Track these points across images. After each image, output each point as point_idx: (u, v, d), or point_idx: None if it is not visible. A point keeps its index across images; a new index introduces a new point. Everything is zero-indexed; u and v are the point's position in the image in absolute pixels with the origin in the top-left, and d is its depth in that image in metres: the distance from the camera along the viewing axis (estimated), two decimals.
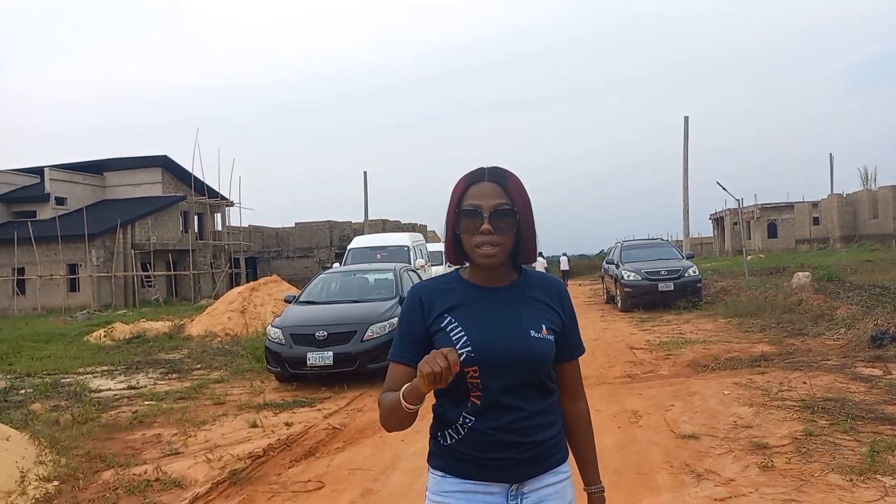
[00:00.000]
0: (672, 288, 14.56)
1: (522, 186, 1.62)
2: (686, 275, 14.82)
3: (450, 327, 1.56)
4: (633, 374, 7.88)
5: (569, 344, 1.68)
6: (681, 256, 16.55)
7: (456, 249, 1.63)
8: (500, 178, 1.59)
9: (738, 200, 24.06)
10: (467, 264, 1.66)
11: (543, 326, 1.59)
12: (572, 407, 1.74)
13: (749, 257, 24.80)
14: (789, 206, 46.95)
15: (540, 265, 29.43)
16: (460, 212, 1.57)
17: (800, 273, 15.01)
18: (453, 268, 1.73)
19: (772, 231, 48.87)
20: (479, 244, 1.54)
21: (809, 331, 9.71)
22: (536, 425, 1.58)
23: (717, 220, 55.62)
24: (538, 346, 1.56)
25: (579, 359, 1.75)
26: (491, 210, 1.54)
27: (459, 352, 1.49)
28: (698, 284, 14.95)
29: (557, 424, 1.65)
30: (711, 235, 59.26)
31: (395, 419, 1.51)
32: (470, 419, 1.55)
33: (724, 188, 22.17)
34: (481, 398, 1.54)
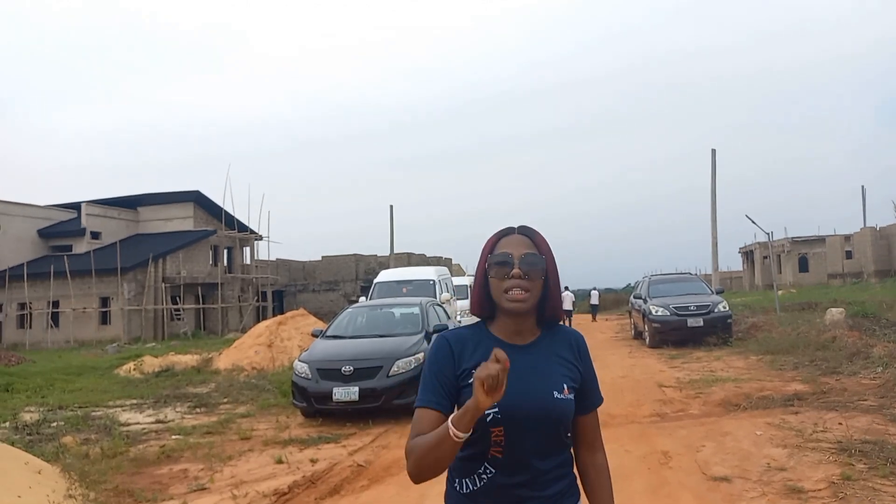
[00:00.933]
0: (702, 324, 14.31)
1: (548, 244, 1.70)
2: (716, 310, 14.57)
3: None
4: (663, 413, 7.73)
5: (588, 397, 1.72)
6: (710, 291, 16.29)
7: (484, 301, 1.66)
8: (528, 233, 1.70)
9: (767, 234, 23.70)
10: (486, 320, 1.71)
11: (565, 386, 1.63)
12: (591, 458, 1.76)
13: (780, 292, 24.32)
14: (820, 240, 46.09)
15: (568, 300, 29.18)
16: (492, 257, 1.63)
17: (833, 309, 14.67)
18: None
19: (803, 265, 47.95)
20: (508, 288, 1.59)
21: (844, 369, 9.44)
22: (552, 479, 1.62)
23: (747, 254, 54.79)
24: (561, 406, 1.61)
25: (600, 402, 1.79)
26: (521, 257, 1.61)
27: (486, 413, 1.50)
28: (728, 320, 14.68)
29: (571, 474, 1.69)
30: (741, 269, 58.35)
31: (436, 457, 1.47)
32: (490, 471, 1.59)
33: (753, 221, 21.93)
34: (503, 453, 1.58)
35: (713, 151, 27.18)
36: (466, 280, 24.88)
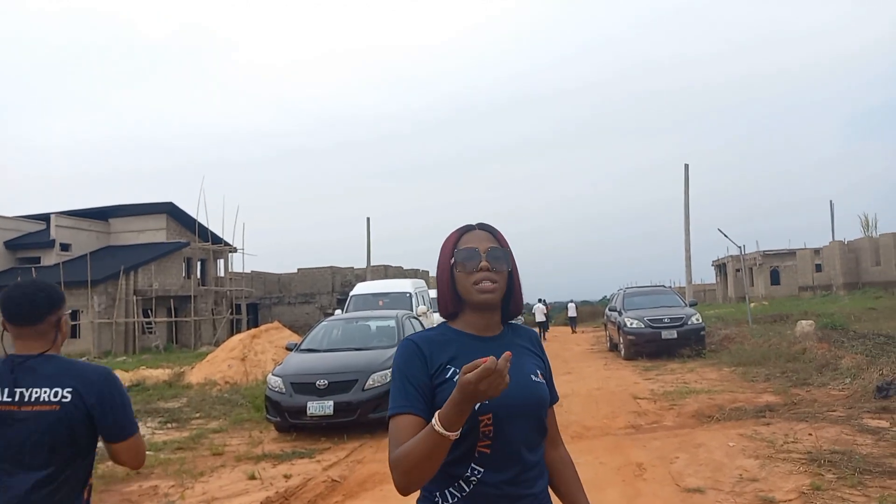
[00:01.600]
0: (675, 336, 14.47)
1: (506, 239, 1.72)
2: (689, 322, 14.75)
3: (456, 377, 1.46)
4: (638, 424, 7.78)
5: (551, 390, 1.72)
6: (684, 304, 16.50)
7: (451, 298, 1.65)
8: (489, 229, 1.70)
9: (740, 247, 24.13)
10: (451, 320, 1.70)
11: (538, 371, 1.65)
12: (556, 453, 1.76)
13: (752, 304, 24.71)
14: (791, 253, 46.99)
15: (539, 312, 29.28)
16: (458, 252, 1.63)
17: (803, 321, 14.93)
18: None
19: (774, 278, 48.80)
20: (478, 280, 1.59)
21: (814, 380, 9.61)
22: (536, 476, 1.59)
23: (720, 267, 55.62)
24: (541, 390, 1.62)
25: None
26: (487, 251, 1.62)
27: None
28: (702, 332, 14.86)
29: (546, 473, 1.67)
30: (714, 282, 59.19)
31: (429, 463, 1.38)
32: (479, 471, 1.51)
33: (725, 235, 22.31)
34: (491, 447, 1.52)
35: (686, 166, 27.64)
36: None
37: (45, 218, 33.12)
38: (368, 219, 35.64)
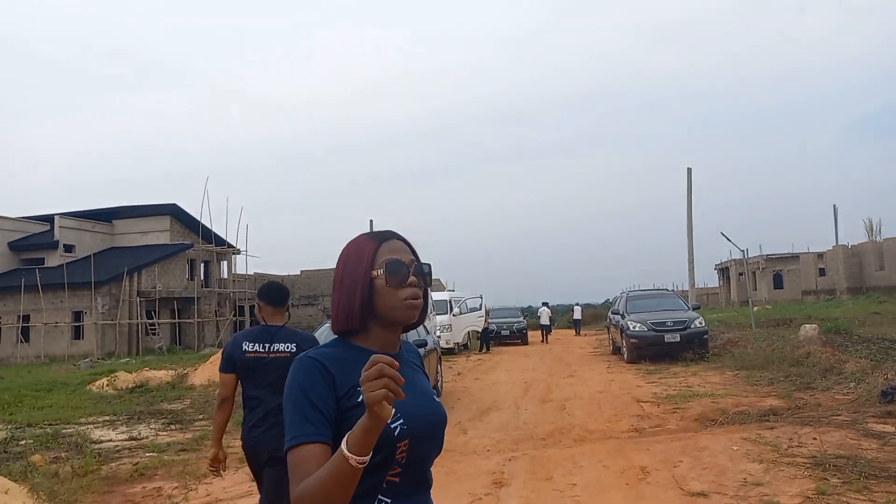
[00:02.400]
0: (678, 339, 14.46)
1: None
2: (692, 326, 14.74)
3: None
4: (641, 428, 7.77)
5: None
6: (687, 307, 16.48)
7: (362, 312, 1.46)
8: (407, 241, 1.57)
9: (743, 251, 24.08)
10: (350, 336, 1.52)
11: (434, 390, 1.60)
12: None
13: (755, 308, 24.67)
14: (794, 257, 46.93)
15: (545, 315, 29.31)
16: (388, 263, 1.46)
17: (807, 325, 14.90)
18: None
19: (777, 282, 48.74)
20: (407, 297, 1.45)
21: (818, 385, 9.59)
22: (429, 496, 1.50)
23: (723, 271, 55.56)
24: (443, 409, 1.53)
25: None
26: (412, 263, 1.50)
27: (392, 426, 1.34)
28: (705, 336, 14.84)
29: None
30: (717, 286, 59.11)
31: (339, 496, 1.23)
32: (386, 503, 1.38)
33: (728, 239, 22.26)
34: (401, 475, 1.39)
35: (689, 171, 27.61)
36: (446, 295, 24.87)
37: (48, 219, 33.21)
38: (371, 221, 35.62)
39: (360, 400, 1.30)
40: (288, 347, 3.34)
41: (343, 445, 1.20)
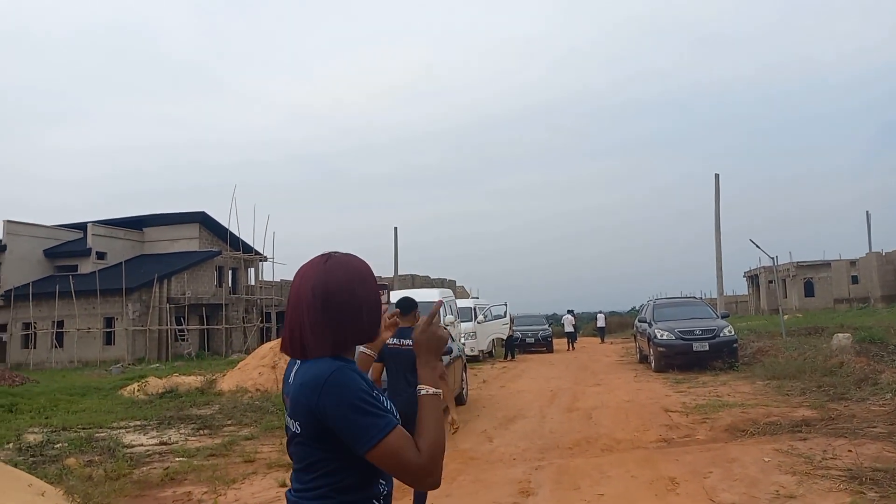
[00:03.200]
0: (707, 348, 14.25)
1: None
2: (721, 334, 14.52)
3: (389, 407, 1.55)
4: (669, 438, 7.67)
5: None
6: (715, 315, 16.26)
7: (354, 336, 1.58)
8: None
9: (772, 258, 23.68)
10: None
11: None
12: None
13: (786, 317, 24.21)
14: (826, 264, 45.96)
15: (568, 322, 29.14)
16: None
17: (840, 334, 14.59)
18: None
19: (808, 289, 47.76)
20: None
21: (853, 395, 9.37)
22: None
23: (752, 278, 54.65)
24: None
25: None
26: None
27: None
28: (734, 345, 14.60)
29: None
30: (746, 293, 58.14)
31: (444, 434, 1.53)
32: (384, 483, 1.54)
33: (757, 246, 21.90)
34: (388, 480, 1.55)
35: (716, 176, 27.28)
36: (471, 302, 24.85)
37: (82, 227, 34.00)
38: (396, 228, 35.89)
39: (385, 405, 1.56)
40: (410, 343, 4.34)
41: (424, 390, 1.54)
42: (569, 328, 28.89)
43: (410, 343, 4.37)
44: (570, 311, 30.31)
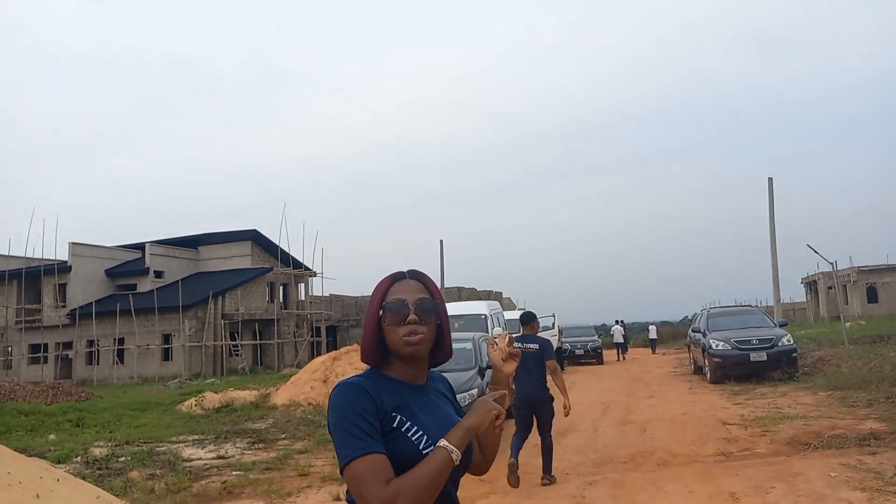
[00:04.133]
0: (765, 358, 13.79)
1: (438, 287, 1.72)
2: (780, 344, 14.04)
3: (405, 427, 1.51)
4: (728, 451, 7.45)
5: None
6: (773, 324, 15.73)
7: (376, 348, 1.61)
8: (420, 278, 1.69)
9: (831, 263, 22.80)
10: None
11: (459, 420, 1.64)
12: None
13: (848, 324, 23.25)
14: (890, 269, 44.06)
15: (618, 333, 28.64)
16: (386, 305, 1.60)
17: None
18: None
19: (871, 295, 45.77)
20: (406, 333, 1.56)
21: None
22: None
23: (810, 285, 52.74)
24: None
25: None
26: (416, 303, 1.59)
27: (424, 452, 1.48)
28: (794, 354, 14.10)
29: None
30: (804, 300, 56.11)
31: (436, 488, 1.43)
32: None
33: (815, 251, 21.11)
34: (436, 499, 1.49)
35: (770, 180, 26.50)
36: (517, 314, 24.69)
37: (140, 247, 35.30)
38: (441, 241, 36.03)
39: (395, 425, 1.51)
40: (533, 346, 6.55)
41: (444, 443, 1.45)
42: (618, 338, 28.42)
43: (534, 346, 6.53)
44: (618, 322, 29.81)
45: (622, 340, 28.58)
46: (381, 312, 1.60)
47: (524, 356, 5.28)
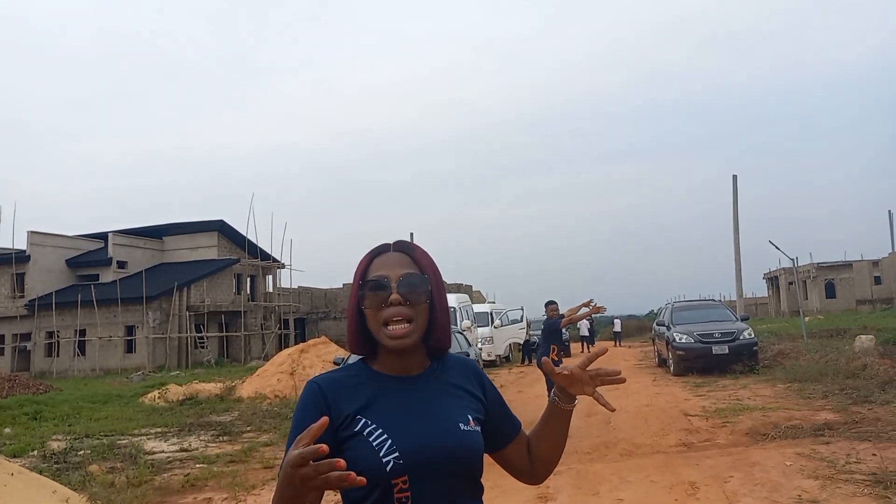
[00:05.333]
0: (727, 351, 14.11)
1: (431, 258, 1.44)
2: (741, 337, 14.37)
3: (367, 430, 1.29)
4: (689, 442, 7.61)
5: (505, 425, 1.49)
6: (735, 318, 16.09)
7: (360, 337, 1.39)
8: (406, 249, 1.42)
9: (792, 259, 23.40)
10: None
11: (470, 417, 1.37)
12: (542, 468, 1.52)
13: (807, 319, 23.91)
14: (847, 265, 45.38)
15: (584, 326, 29.04)
16: (364, 284, 1.35)
17: (863, 336, 14.38)
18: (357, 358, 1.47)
19: (830, 291, 47.12)
20: (387, 319, 1.31)
21: (877, 398, 9.23)
22: None
23: (772, 280, 54.04)
24: (470, 440, 1.35)
25: None
26: (399, 279, 1.33)
27: (385, 459, 1.25)
28: (754, 347, 14.45)
29: None
30: (766, 295, 57.50)
31: None
32: None
33: (777, 247, 21.67)
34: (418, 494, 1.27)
35: (734, 178, 27.04)
36: (487, 307, 24.84)
37: (102, 237, 34.49)
38: (412, 234, 35.93)
39: (356, 429, 1.29)
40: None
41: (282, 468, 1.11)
42: (584, 332, 28.86)
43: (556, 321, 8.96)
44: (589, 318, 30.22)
45: (588, 334, 29.03)
46: (358, 294, 1.36)
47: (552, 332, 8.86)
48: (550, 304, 9.02)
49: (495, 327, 22.09)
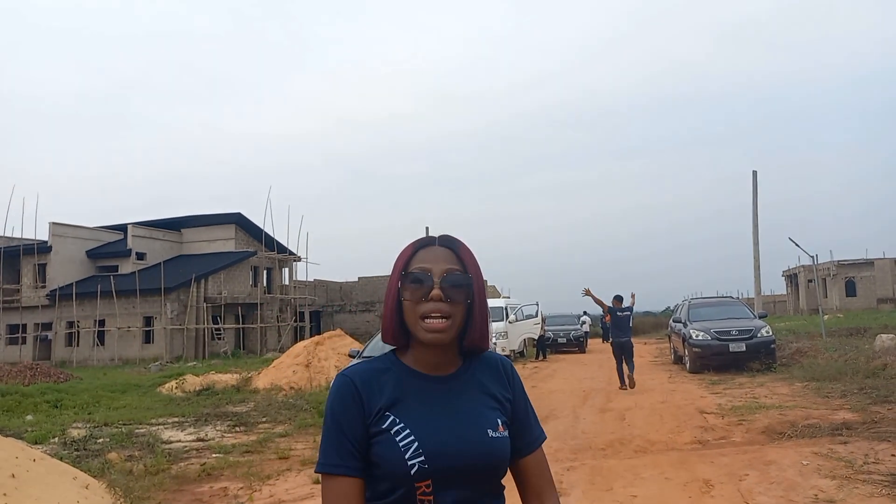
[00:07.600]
0: (744, 349, 13.99)
1: (475, 258, 1.41)
2: (759, 335, 14.23)
3: (394, 429, 1.28)
4: (704, 440, 7.56)
5: (527, 433, 1.43)
6: (753, 315, 15.94)
7: (397, 328, 1.37)
8: (452, 244, 1.40)
9: (812, 257, 23.12)
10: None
11: (499, 422, 1.35)
12: None
13: (826, 317, 23.62)
14: (869, 263, 44.76)
15: (586, 324, 28.99)
16: (406, 275, 1.33)
17: (883, 335, 14.19)
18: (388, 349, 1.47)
19: (850, 289, 46.52)
20: (426, 314, 1.30)
21: None
22: None
23: (791, 278, 53.44)
24: (498, 447, 1.33)
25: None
26: (443, 274, 1.32)
27: (410, 462, 1.25)
28: (772, 345, 14.30)
29: None
30: (785, 293, 56.89)
31: None
32: None
33: (796, 244, 21.40)
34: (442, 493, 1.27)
35: (754, 173, 26.72)
36: (502, 302, 24.80)
37: (122, 228, 34.92)
38: (427, 228, 35.99)
39: (385, 426, 1.29)
40: (625, 312, 12.90)
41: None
42: (586, 329, 28.99)
43: (626, 312, 13.05)
44: (585, 313, 30.18)
45: (588, 330, 29.29)
46: (399, 284, 1.35)
47: (617, 319, 12.34)
48: (615, 298, 12.39)
49: (510, 322, 22.05)
